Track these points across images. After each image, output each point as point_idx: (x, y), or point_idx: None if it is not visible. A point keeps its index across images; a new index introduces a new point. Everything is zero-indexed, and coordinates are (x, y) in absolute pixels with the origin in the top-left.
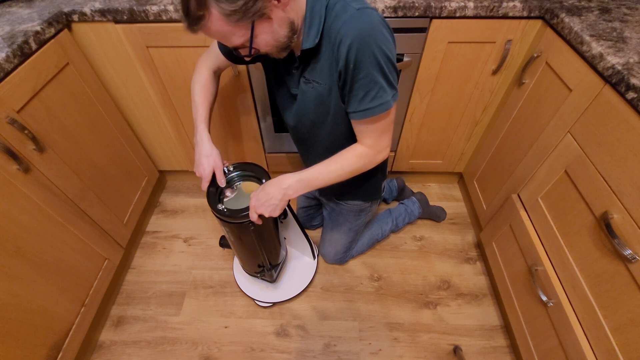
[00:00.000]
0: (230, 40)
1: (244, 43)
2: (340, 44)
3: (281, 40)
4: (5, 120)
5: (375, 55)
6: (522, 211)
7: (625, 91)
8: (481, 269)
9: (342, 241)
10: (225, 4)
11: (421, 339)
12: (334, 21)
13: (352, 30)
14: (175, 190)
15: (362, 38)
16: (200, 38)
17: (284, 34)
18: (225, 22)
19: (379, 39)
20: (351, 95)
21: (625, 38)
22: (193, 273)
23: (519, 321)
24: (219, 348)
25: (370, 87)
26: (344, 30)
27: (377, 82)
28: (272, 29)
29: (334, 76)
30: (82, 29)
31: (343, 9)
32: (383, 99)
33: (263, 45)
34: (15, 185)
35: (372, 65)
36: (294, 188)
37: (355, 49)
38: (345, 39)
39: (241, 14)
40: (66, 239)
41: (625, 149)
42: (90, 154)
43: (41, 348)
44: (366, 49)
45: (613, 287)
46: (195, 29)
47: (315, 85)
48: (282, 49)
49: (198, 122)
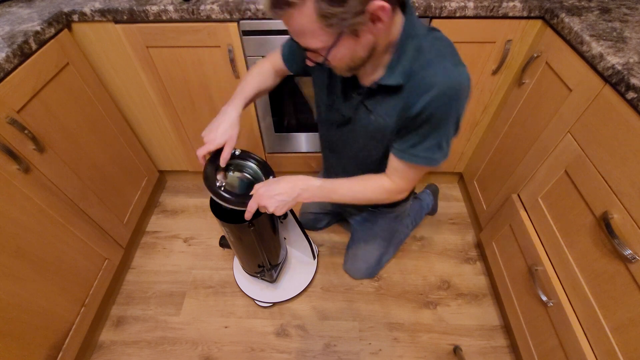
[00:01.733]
0: (307, 40)
1: (320, 49)
2: (423, 93)
3: (356, 61)
4: (5, 120)
5: (450, 117)
6: (522, 211)
7: (625, 91)
8: (481, 269)
9: (376, 252)
10: (325, 3)
11: (421, 339)
12: (423, 68)
13: (441, 86)
14: (175, 190)
15: (446, 97)
16: (200, 38)
17: (361, 56)
18: (315, 21)
19: (460, 104)
20: (407, 136)
21: (625, 38)
22: (193, 273)
23: (519, 321)
24: (219, 348)
25: (429, 138)
26: (432, 83)
27: (437, 138)
28: (354, 48)
29: (399, 115)
30: (82, 29)
31: (438, 59)
32: (434, 156)
33: (336, 59)
34: (15, 185)
35: (442, 123)
36: (310, 192)
37: (436, 105)
38: (430, 92)
39: (335, 21)
40: (66, 239)
41: (625, 149)
42: (90, 154)
43: (41, 348)
44: (445, 109)
45: (613, 287)
46: (278, 13)
47: (377, 118)
48: (351, 69)
49: (237, 95)
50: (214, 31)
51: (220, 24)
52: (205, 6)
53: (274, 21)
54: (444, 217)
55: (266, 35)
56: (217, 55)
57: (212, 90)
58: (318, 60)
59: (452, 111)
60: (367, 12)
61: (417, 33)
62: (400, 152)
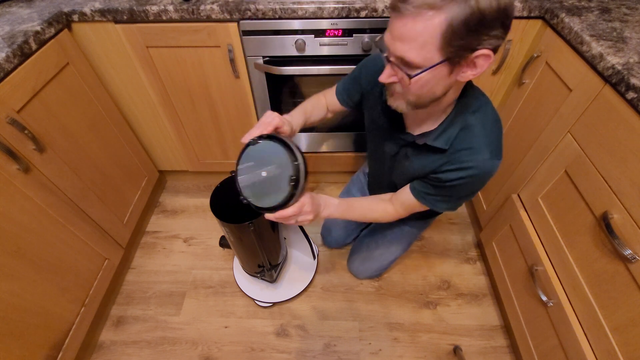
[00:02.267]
0: (410, 49)
1: (414, 65)
2: (457, 170)
3: (427, 97)
4: (5, 120)
5: (471, 192)
6: (522, 211)
7: (625, 91)
8: (481, 269)
9: (393, 255)
10: (460, 24)
11: (421, 339)
12: (465, 149)
13: (475, 171)
14: (175, 190)
15: (476, 180)
16: (200, 38)
17: (435, 95)
18: (436, 35)
19: (481, 186)
20: (428, 184)
21: (625, 38)
22: (193, 273)
23: (519, 321)
24: (219, 348)
25: (445, 195)
26: (469, 167)
27: (451, 197)
28: (439, 81)
29: (430, 172)
30: (82, 29)
31: (480, 147)
32: (442, 206)
33: (417, 85)
34: (15, 185)
35: (463, 194)
36: (329, 210)
37: (464, 183)
38: (464, 171)
39: (451, 46)
40: (66, 239)
41: (625, 149)
42: (90, 153)
43: (41, 348)
44: (470, 188)
45: (613, 287)
46: (404, 10)
47: (412, 165)
48: (411, 105)
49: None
50: (214, 31)
51: (220, 24)
52: (205, 6)
53: (274, 21)
54: (444, 217)
55: (266, 35)
56: (217, 55)
57: (212, 90)
58: (393, 79)
59: (475, 190)
60: (475, 52)
61: (468, 110)
62: (417, 192)
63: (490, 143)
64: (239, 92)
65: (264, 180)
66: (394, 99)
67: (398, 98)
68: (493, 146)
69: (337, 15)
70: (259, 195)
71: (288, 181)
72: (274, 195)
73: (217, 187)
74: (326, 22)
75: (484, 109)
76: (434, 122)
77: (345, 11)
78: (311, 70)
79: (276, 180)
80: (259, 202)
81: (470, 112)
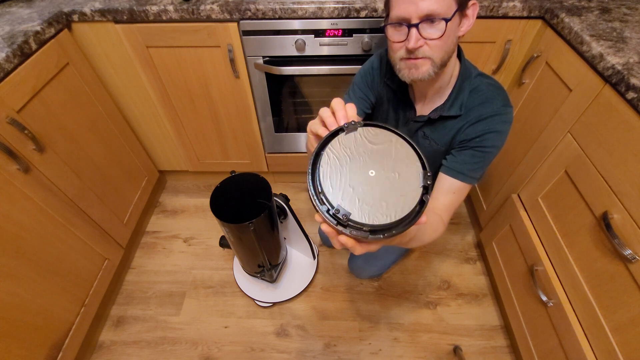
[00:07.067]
0: (434, 2)
1: (440, 15)
2: (476, 121)
3: (449, 53)
4: (5, 120)
5: (495, 147)
6: (522, 211)
7: (625, 91)
8: (481, 269)
9: (395, 255)
10: None
11: (421, 339)
12: (478, 105)
13: (493, 120)
14: (175, 190)
15: (495, 127)
16: (200, 38)
17: (451, 51)
18: None
19: (505, 138)
20: (453, 155)
21: (625, 38)
22: (193, 273)
23: (519, 321)
24: (219, 348)
25: (474, 158)
26: (486, 115)
27: (478, 157)
28: (455, 30)
29: (451, 140)
30: (82, 29)
31: (492, 98)
32: (476, 174)
33: (446, 37)
34: (15, 185)
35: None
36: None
37: (487, 136)
38: (483, 122)
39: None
40: (66, 239)
41: (625, 149)
42: (90, 154)
43: (41, 348)
44: (492, 138)
45: (613, 287)
46: None
47: (433, 144)
48: (440, 64)
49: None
50: (214, 31)
51: (220, 24)
52: (205, 6)
53: (274, 21)
54: None
55: (266, 35)
56: (217, 55)
57: (212, 90)
58: (421, 43)
59: (498, 144)
60: (469, 1)
61: (471, 75)
62: (449, 170)
63: (500, 94)
64: (239, 92)
65: (374, 181)
66: (417, 67)
67: (424, 63)
68: (502, 96)
69: (337, 15)
70: (362, 204)
71: (416, 186)
72: (389, 206)
73: (217, 187)
74: (326, 22)
75: (482, 73)
76: (442, 97)
77: (345, 11)
78: (311, 70)
79: (396, 183)
80: (364, 216)
81: (473, 76)
